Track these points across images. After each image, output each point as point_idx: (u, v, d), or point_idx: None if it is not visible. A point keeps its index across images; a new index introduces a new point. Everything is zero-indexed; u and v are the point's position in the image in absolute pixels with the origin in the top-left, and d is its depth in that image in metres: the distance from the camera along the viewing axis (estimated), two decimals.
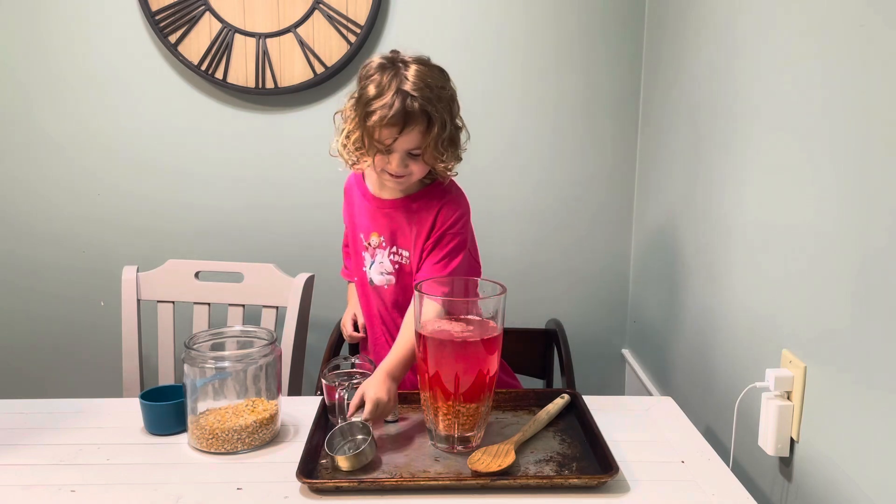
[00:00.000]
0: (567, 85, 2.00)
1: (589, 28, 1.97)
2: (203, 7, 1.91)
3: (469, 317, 1.11)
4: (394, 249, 1.35)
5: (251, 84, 1.95)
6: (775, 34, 1.19)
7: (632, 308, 2.11)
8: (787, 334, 1.13)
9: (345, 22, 1.91)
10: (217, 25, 1.92)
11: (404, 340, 1.20)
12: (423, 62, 1.24)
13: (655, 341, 1.88)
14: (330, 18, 1.91)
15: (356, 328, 1.53)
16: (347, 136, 1.25)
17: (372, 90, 1.19)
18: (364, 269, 1.39)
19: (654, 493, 1.00)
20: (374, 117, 1.18)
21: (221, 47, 1.93)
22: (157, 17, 1.90)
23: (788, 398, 1.10)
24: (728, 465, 1.09)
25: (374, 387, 1.13)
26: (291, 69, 1.94)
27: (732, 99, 1.37)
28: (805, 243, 1.08)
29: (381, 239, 1.35)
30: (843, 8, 0.98)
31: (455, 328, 1.09)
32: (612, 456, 1.04)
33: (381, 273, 1.36)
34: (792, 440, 1.10)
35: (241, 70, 1.94)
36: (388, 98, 1.17)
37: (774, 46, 1.19)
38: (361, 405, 1.12)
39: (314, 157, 2.02)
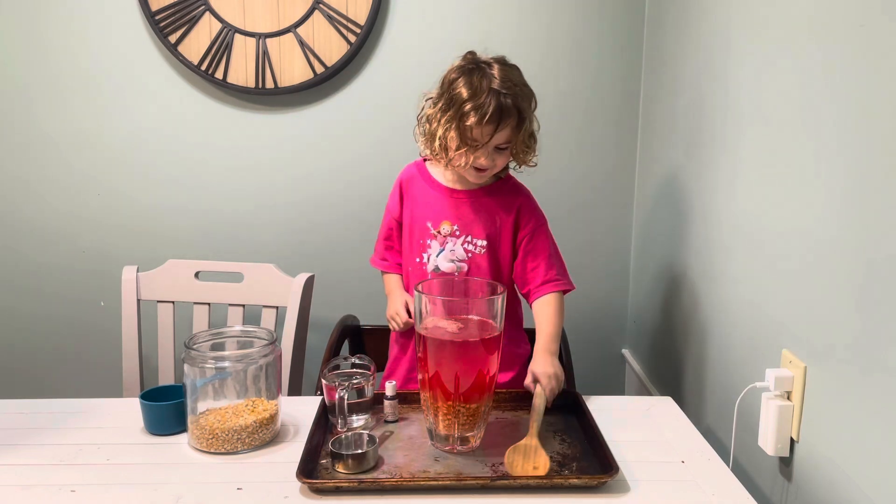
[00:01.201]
0: (567, 85, 2.00)
1: (589, 28, 1.97)
2: (203, 7, 1.91)
3: (469, 317, 1.11)
4: (468, 238, 1.39)
5: (251, 84, 1.95)
6: (775, 34, 1.19)
7: (632, 308, 2.11)
8: (787, 334, 1.13)
9: (345, 22, 1.91)
10: (217, 25, 1.92)
11: (545, 318, 1.35)
12: (503, 62, 1.32)
13: (655, 341, 1.88)
14: (330, 18, 1.91)
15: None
16: (440, 136, 1.30)
17: (465, 92, 1.27)
18: (425, 258, 1.41)
19: (654, 493, 1.00)
20: (472, 117, 1.25)
21: (221, 47, 1.93)
22: (157, 17, 1.90)
23: (788, 398, 1.10)
24: (728, 465, 1.09)
25: (542, 365, 1.25)
26: (291, 69, 1.94)
27: (732, 99, 1.37)
28: (805, 243, 1.08)
29: (455, 227, 1.39)
30: (843, 8, 0.98)
31: (450, 326, 1.09)
32: (612, 456, 1.04)
33: (452, 260, 1.40)
34: (792, 440, 1.10)
35: (241, 70, 1.94)
36: (482, 98, 1.25)
37: (775, 46, 1.19)
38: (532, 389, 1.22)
39: (314, 156, 2.02)
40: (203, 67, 1.93)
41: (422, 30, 1.96)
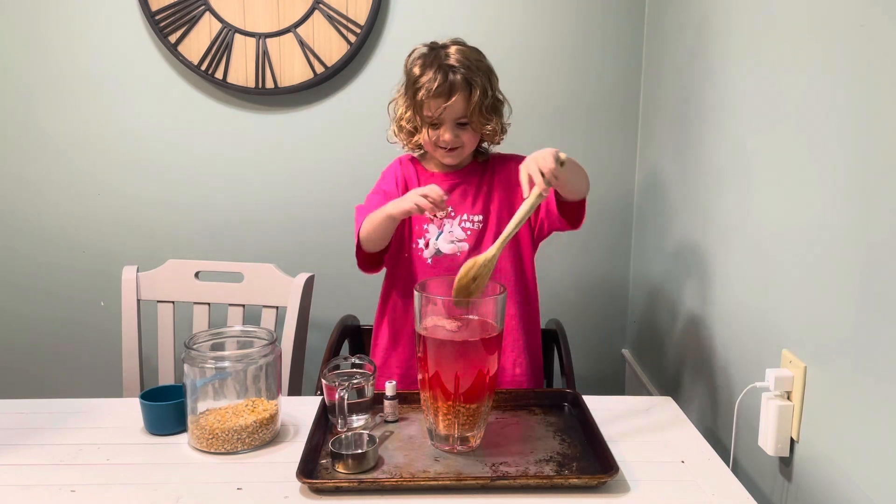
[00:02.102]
0: (567, 85, 2.00)
1: (589, 28, 1.97)
2: (203, 7, 1.91)
3: (469, 317, 1.11)
4: (464, 217, 1.43)
5: (251, 84, 1.95)
6: (775, 34, 1.19)
7: (632, 308, 2.11)
8: (787, 334, 1.13)
9: (345, 22, 1.91)
10: (217, 25, 1.92)
11: None
12: (460, 42, 1.39)
13: (655, 341, 1.88)
14: (330, 18, 1.91)
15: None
16: (400, 118, 1.40)
17: (417, 70, 1.36)
18: (422, 243, 1.43)
19: (654, 493, 1.00)
20: (422, 92, 1.33)
21: (221, 47, 1.93)
22: (157, 17, 1.90)
23: (788, 398, 1.10)
24: (728, 465, 1.09)
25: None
26: (291, 69, 1.94)
27: (732, 99, 1.37)
28: (805, 243, 1.08)
29: (450, 209, 1.42)
30: (843, 8, 0.98)
31: (450, 325, 1.09)
32: (612, 456, 1.04)
33: (452, 241, 1.42)
34: (792, 440, 1.10)
35: (241, 70, 1.94)
36: (431, 73, 1.33)
37: (774, 46, 1.19)
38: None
39: (314, 156, 2.02)
40: (203, 67, 1.93)
41: (422, 30, 1.95)
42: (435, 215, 1.40)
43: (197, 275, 1.70)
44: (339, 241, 2.06)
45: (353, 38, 1.92)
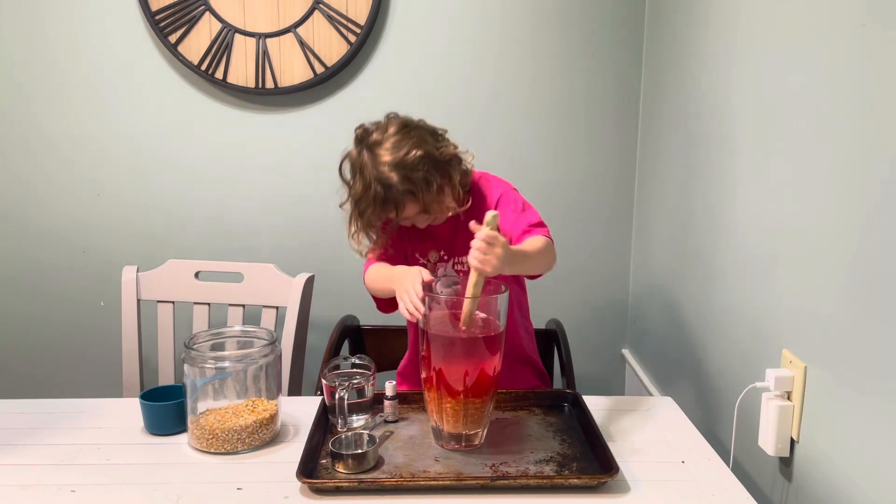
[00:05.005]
0: (567, 85, 2.00)
1: (589, 28, 1.97)
2: (203, 7, 1.91)
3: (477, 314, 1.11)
4: (457, 259, 1.38)
5: (251, 84, 1.95)
6: (775, 34, 1.19)
7: (632, 308, 2.11)
8: (787, 334, 1.13)
9: (345, 22, 1.91)
10: (217, 25, 1.92)
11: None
12: (393, 134, 1.25)
13: (655, 341, 1.88)
14: (330, 18, 1.91)
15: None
16: (357, 233, 1.31)
17: (358, 187, 1.26)
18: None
19: (654, 493, 1.00)
20: (368, 212, 1.26)
21: (221, 47, 1.93)
22: (157, 17, 1.90)
23: (788, 398, 1.10)
24: (728, 465, 1.09)
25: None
26: (291, 69, 1.94)
27: (732, 99, 1.37)
28: (805, 243, 1.08)
29: (441, 253, 1.39)
30: (843, 8, 0.98)
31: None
32: (612, 456, 1.04)
33: (448, 285, 1.35)
34: (792, 440, 1.10)
35: (241, 70, 1.94)
36: (371, 192, 1.23)
37: (774, 46, 1.19)
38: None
39: (314, 156, 2.02)
40: (203, 67, 1.93)
41: (422, 30, 1.96)
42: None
43: (197, 275, 1.70)
44: (339, 242, 2.05)
45: (353, 38, 1.92)
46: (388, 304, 1.38)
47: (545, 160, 2.04)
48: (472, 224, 1.09)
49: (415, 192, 1.23)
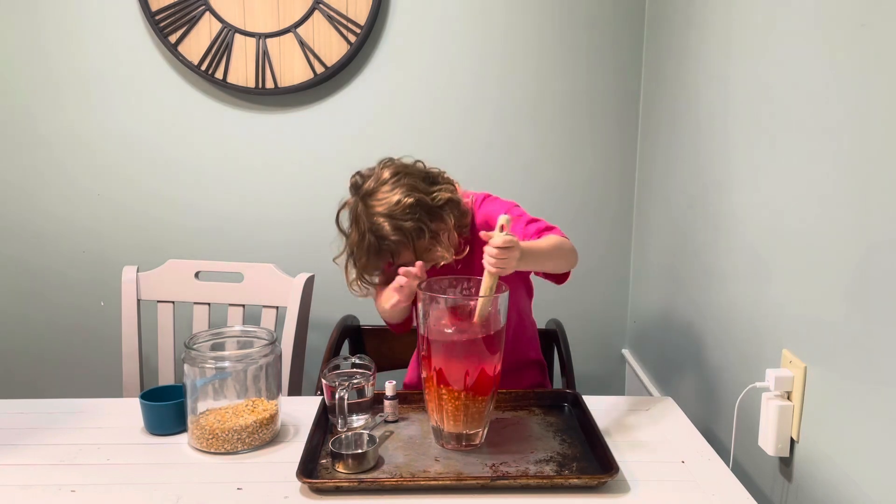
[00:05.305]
0: (567, 85, 2.00)
1: (589, 29, 1.97)
2: (203, 7, 1.91)
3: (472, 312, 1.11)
4: (465, 285, 1.34)
5: (251, 84, 1.95)
6: (775, 34, 1.19)
7: (632, 308, 2.11)
8: (787, 334, 1.13)
9: (345, 22, 1.91)
10: (217, 25, 1.92)
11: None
12: (385, 182, 1.25)
13: (655, 341, 1.88)
14: (330, 18, 1.91)
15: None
16: (356, 281, 1.31)
17: (354, 238, 1.27)
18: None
19: (654, 493, 1.00)
20: (363, 259, 1.27)
21: (221, 47, 1.93)
22: (157, 17, 1.90)
23: (788, 398, 1.10)
24: (728, 465, 1.09)
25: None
26: (291, 69, 1.94)
27: (732, 99, 1.37)
28: (805, 243, 1.08)
29: (451, 279, 1.36)
30: (843, 8, 0.98)
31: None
32: (612, 456, 1.04)
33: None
34: (792, 440, 1.10)
35: (241, 70, 1.94)
36: (366, 242, 1.24)
37: (774, 46, 1.19)
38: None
39: (314, 156, 2.02)
40: (203, 67, 1.93)
41: (422, 30, 1.96)
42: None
43: (197, 275, 1.70)
44: (339, 242, 2.05)
45: (353, 38, 1.92)
46: (400, 324, 1.40)
47: (545, 160, 2.04)
48: (483, 233, 1.10)
49: (406, 242, 1.24)
